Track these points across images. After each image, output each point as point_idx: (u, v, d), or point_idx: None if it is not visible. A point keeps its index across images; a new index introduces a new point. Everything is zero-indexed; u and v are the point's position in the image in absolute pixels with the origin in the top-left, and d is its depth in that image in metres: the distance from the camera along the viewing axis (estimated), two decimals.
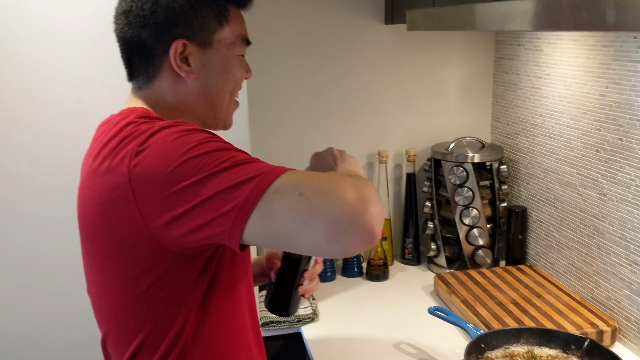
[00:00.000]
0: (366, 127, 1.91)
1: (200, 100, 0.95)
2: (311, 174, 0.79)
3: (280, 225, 0.76)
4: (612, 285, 1.44)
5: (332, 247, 0.75)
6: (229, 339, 0.96)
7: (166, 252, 0.85)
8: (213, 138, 0.84)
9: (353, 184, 0.79)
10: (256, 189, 0.76)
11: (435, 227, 1.86)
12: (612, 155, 1.40)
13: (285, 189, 0.76)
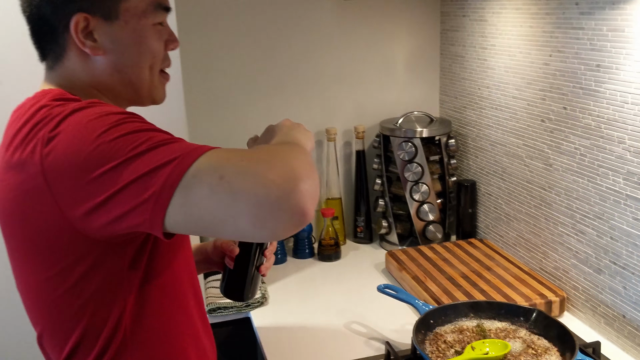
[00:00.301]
0: (312, 105, 1.86)
1: (115, 78, 0.88)
2: (234, 152, 0.73)
3: (202, 212, 0.70)
4: (559, 256, 1.43)
5: (259, 232, 0.70)
6: (174, 327, 0.92)
7: (91, 243, 0.80)
8: (130, 118, 0.78)
9: (281, 158, 0.73)
10: (173, 174, 0.71)
11: (386, 204, 1.83)
12: (557, 124, 1.39)
13: (204, 173, 0.70)
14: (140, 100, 0.93)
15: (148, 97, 0.92)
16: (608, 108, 1.23)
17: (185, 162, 0.71)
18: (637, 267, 1.20)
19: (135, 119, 0.78)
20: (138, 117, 0.80)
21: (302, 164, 0.73)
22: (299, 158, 0.75)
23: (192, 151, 0.72)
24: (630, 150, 1.18)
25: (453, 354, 1.18)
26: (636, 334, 1.22)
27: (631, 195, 1.19)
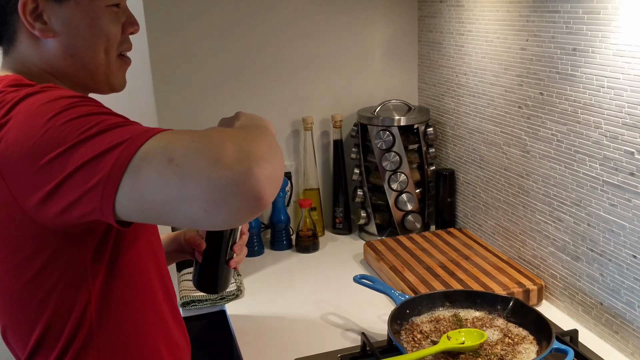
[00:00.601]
0: (288, 93, 1.82)
1: (68, 62, 0.84)
2: (185, 133, 0.69)
3: (152, 198, 0.67)
4: (537, 244, 1.42)
5: (212, 218, 0.66)
6: (141, 319, 0.89)
7: (49, 233, 0.76)
8: (82, 102, 0.74)
9: (236, 139, 0.68)
10: (121, 158, 0.67)
11: (365, 194, 1.80)
12: (534, 110, 1.37)
13: (153, 155, 0.66)
14: (98, 87, 0.89)
15: (105, 82, 0.88)
16: (584, 93, 1.21)
17: (134, 145, 0.67)
18: (613, 253, 1.19)
19: (88, 103, 0.75)
20: (92, 101, 0.76)
21: (260, 146, 0.69)
22: (258, 139, 0.71)
23: (141, 134, 0.69)
24: (607, 136, 1.16)
25: (429, 343, 1.16)
26: (613, 321, 1.21)
27: (607, 181, 1.18)
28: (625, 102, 1.11)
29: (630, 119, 1.10)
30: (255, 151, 0.67)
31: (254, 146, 0.68)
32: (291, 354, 1.25)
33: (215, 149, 0.66)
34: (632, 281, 1.15)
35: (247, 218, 0.68)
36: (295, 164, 1.86)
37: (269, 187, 0.67)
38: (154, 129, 0.70)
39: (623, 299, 1.18)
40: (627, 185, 1.13)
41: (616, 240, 1.18)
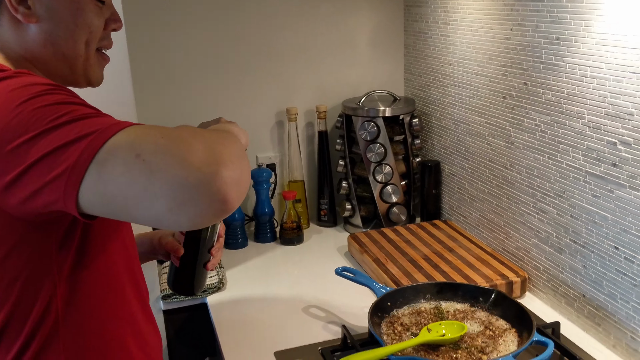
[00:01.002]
0: (271, 84, 1.80)
1: (48, 50, 0.83)
2: (155, 129, 0.67)
3: (116, 193, 0.65)
4: (521, 235, 1.41)
5: (176, 217, 0.64)
6: (109, 313, 0.87)
7: (14, 221, 0.74)
8: (56, 90, 0.72)
9: (206, 140, 0.67)
10: (88, 150, 0.65)
11: (350, 186, 1.79)
12: (518, 101, 1.35)
13: (120, 150, 0.64)
14: (75, 79, 0.87)
15: (83, 75, 0.87)
16: (568, 82, 1.19)
17: (102, 137, 0.65)
18: (596, 245, 1.17)
19: (61, 91, 0.73)
20: (65, 90, 0.74)
21: (229, 150, 0.68)
22: (227, 144, 0.69)
23: (111, 126, 0.67)
24: (590, 126, 1.15)
25: (409, 336, 1.15)
26: (596, 313, 1.20)
27: (590, 172, 1.16)
28: (608, 91, 1.10)
29: (613, 109, 1.09)
30: (224, 153, 0.66)
31: (223, 148, 0.67)
32: (271, 346, 1.23)
33: (184, 147, 0.64)
34: (614, 273, 1.14)
35: (212, 220, 0.66)
36: (279, 156, 1.85)
37: (235, 190, 0.65)
38: (124, 123, 0.68)
39: (605, 291, 1.17)
40: (609, 176, 1.12)
41: (599, 232, 1.16)
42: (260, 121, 1.81)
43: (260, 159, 1.80)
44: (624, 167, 1.08)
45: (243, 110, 1.79)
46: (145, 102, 1.66)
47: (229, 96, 1.76)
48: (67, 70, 0.85)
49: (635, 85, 1.03)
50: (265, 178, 1.73)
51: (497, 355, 1.07)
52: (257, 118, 1.80)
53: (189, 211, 0.64)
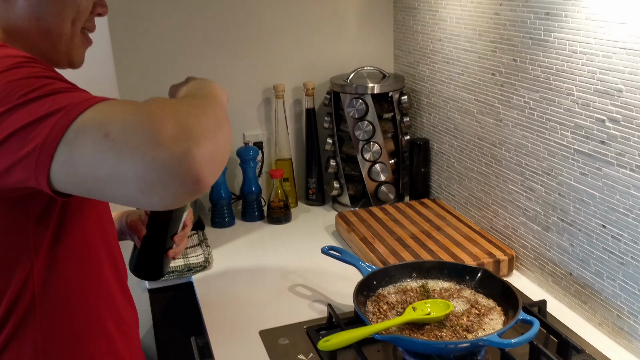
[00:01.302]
0: (259, 60, 1.76)
1: (32, 24, 0.80)
2: (125, 105, 0.65)
3: (86, 173, 0.63)
4: (509, 214, 1.40)
5: (147, 198, 0.62)
6: (87, 292, 0.86)
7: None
8: (30, 63, 0.70)
9: (178, 114, 0.64)
10: (57, 127, 0.63)
11: (338, 164, 1.77)
12: (507, 77, 1.33)
13: (89, 128, 0.62)
14: (57, 57, 0.85)
15: (65, 55, 0.85)
16: (557, 58, 1.17)
17: (71, 114, 0.63)
18: (583, 223, 1.16)
19: (35, 64, 0.70)
20: (40, 63, 0.72)
21: (203, 121, 0.65)
22: (202, 113, 0.67)
23: (81, 102, 0.64)
24: (578, 103, 1.13)
25: (394, 315, 1.14)
26: (582, 291, 1.20)
27: (578, 149, 1.15)
28: (597, 67, 1.08)
29: (602, 85, 1.07)
30: (196, 128, 0.63)
31: (195, 122, 0.64)
32: (257, 325, 1.23)
33: (153, 124, 0.62)
34: (601, 251, 1.13)
35: (185, 200, 0.64)
36: (267, 134, 1.82)
37: (208, 168, 0.63)
38: (94, 98, 0.66)
39: (592, 269, 1.16)
40: (597, 154, 1.10)
41: (586, 210, 1.15)
42: (247, 98, 1.78)
43: (247, 137, 1.78)
44: (612, 145, 1.07)
45: (229, 87, 1.75)
46: (127, 79, 1.63)
47: (215, 73, 1.73)
48: (49, 48, 0.83)
49: (624, 61, 1.01)
50: (252, 156, 1.71)
51: (482, 334, 1.06)
52: (243, 95, 1.77)
53: (160, 192, 0.61)
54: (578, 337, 1.13)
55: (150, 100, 0.68)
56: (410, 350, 1.08)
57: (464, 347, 1.03)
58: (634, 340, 1.08)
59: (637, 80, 0.99)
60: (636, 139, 1.01)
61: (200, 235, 1.62)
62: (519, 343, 0.99)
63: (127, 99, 0.68)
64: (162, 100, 0.69)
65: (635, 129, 1.01)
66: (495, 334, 1.01)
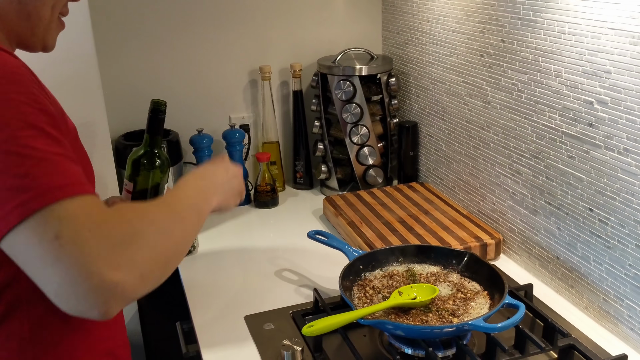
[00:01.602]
0: (245, 41, 1.73)
1: (13, 7, 0.79)
2: (90, 216, 0.64)
3: (15, 253, 0.65)
4: (497, 197, 1.38)
5: (58, 303, 0.64)
6: None
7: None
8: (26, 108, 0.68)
9: (135, 250, 0.65)
10: (19, 209, 0.63)
11: (326, 148, 1.75)
12: (496, 59, 1.31)
13: (46, 224, 0.63)
14: (33, 41, 0.84)
15: (41, 39, 0.84)
16: (545, 39, 1.15)
17: (38, 202, 0.63)
18: (570, 207, 1.15)
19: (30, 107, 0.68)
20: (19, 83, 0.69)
21: (151, 266, 0.67)
22: (159, 250, 0.69)
23: (56, 189, 0.64)
24: (567, 85, 1.11)
25: (381, 299, 1.13)
26: (569, 275, 1.19)
27: (566, 132, 1.13)
28: (585, 49, 1.06)
29: (590, 67, 1.05)
30: (133, 281, 0.65)
31: (144, 268, 0.66)
32: (242, 310, 1.21)
33: (102, 252, 0.63)
34: (587, 235, 1.12)
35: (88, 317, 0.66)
36: (253, 116, 1.80)
37: (117, 309, 0.65)
38: (72, 189, 0.65)
39: (579, 252, 1.15)
40: (585, 137, 1.09)
41: (573, 194, 1.14)
42: (233, 80, 1.75)
43: (233, 120, 1.75)
44: (600, 127, 1.05)
45: (214, 68, 1.73)
46: (108, 60, 1.60)
47: (199, 54, 1.70)
48: (27, 32, 0.82)
49: (613, 42, 1.00)
50: (238, 139, 1.69)
51: (467, 318, 1.06)
52: (229, 77, 1.74)
53: (68, 307, 0.64)
54: (564, 321, 1.13)
55: (119, 214, 0.68)
56: (396, 335, 1.07)
57: (449, 332, 1.02)
58: (619, 324, 1.08)
59: (626, 61, 0.98)
60: (624, 121, 1.00)
61: None
62: (504, 327, 0.99)
63: (97, 205, 0.67)
64: (128, 220, 0.68)
65: (624, 111, 1.00)
66: (480, 319, 1.00)
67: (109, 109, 1.43)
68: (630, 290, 1.04)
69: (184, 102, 1.72)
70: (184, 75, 1.70)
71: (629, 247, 1.03)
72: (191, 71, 1.71)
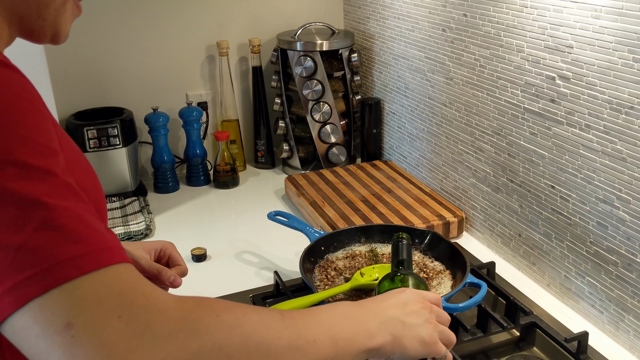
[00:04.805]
0: (200, 15, 1.66)
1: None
2: (128, 294, 0.47)
3: (18, 342, 0.48)
4: (459, 175, 1.37)
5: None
6: None
7: None
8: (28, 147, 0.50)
9: None
10: (24, 292, 0.46)
11: (287, 126, 1.70)
12: (458, 34, 1.28)
13: (55, 306, 0.46)
14: (40, 26, 0.65)
15: (52, 25, 0.66)
16: (507, 13, 1.12)
17: (47, 282, 0.46)
18: (532, 184, 1.14)
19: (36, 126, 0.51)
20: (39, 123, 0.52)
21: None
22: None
23: (67, 261, 0.47)
24: (529, 60, 1.09)
25: (342, 280, 1.10)
26: (531, 252, 1.18)
27: (529, 108, 1.12)
28: (547, 23, 1.03)
29: (553, 41, 1.03)
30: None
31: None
32: (201, 294, 1.17)
33: (130, 347, 0.45)
34: (549, 212, 1.12)
35: None
36: (211, 93, 1.73)
37: None
38: (84, 262, 0.47)
39: (541, 230, 1.15)
40: (547, 113, 1.08)
41: (535, 171, 1.13)
42: (189, 56, 1.68)
43: (190, 97, 1.69)
44: (562, 103, 1.04)
45: (169, 43, 1.65)
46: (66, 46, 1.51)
47: (153, 28, 1.62)
48: (33, 13, 0.64)
49: (576, 15, 0.97)
50: (195, 117, 1.63)
51: None
52: (185, 52, 1.67)
53: None
54: (526, 299, 1.12)
55: (177, 300, 0.50)
56: None
57: None
58: (581, 301, 1.08)
59: (588, 35, 0.96)
60: (586, 96, 0.99)
61: (142, 202, 1.54)
62: (466, 307, 0.98)
63: (136, 277, 0.49)
64: (189, 309, 0.50)
65: (585, 87, 0.98)
66: (442, 298, 0.98)
67: (58, 88, 1.35)
68: (591, 267, 1.04)
69: (137, 78, 1.65)
70: (138, 50, 1.63)
71: (590, 224, 1.03)
72: (145, 46, 1.63)
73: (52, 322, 0.46)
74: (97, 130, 1.50)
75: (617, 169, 0.95)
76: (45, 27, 0.65)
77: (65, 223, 0.48)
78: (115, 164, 1.54)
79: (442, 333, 0.71)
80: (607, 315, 1.03)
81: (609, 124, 0.95)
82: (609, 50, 0.93)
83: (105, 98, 1.63)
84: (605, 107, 0.95)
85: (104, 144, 1.51)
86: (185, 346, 0.47)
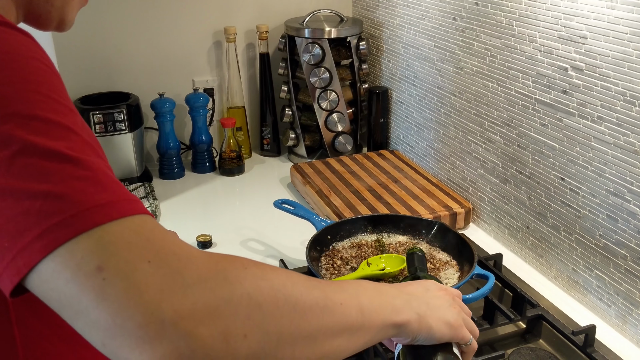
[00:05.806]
0: (208, 1, 1.64)
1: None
2: (156, 240, 0.47)
3: (51, 296, 0.47)
4: (467, 165, 1.36)
5: (106, 352, 0.47)
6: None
7: None
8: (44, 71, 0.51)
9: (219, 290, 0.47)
10: (49, 237, 0.46)
11: (293, 113, 1.69)
12: (469, 22, 1.26)
13: (85, 250, 0.46)
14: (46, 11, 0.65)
15: (59, 11, 0.66)
16: (520, 2, 1.11)
17: (76, 226, 0.46)
18: (542, 176, 1.13)
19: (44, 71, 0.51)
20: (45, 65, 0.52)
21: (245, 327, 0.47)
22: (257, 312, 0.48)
23: (95, 208, 0.47)
24: (541, 50, 1.08)
25: (349, 270, 1.10)
26: (538, 245, 1.18)
27: (540, 99, 1.10)
28: (561, 12, 1.02)
29: (566, 31, 1.02)
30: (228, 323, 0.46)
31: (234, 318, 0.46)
32: None
33: (165, 283, 0.45)
34: (558, 204, 1.11)
35: None
36: (218, 80, 1.72)
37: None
38: (114, 207, 0.47)
39: (549, 222, 1.14)
40: (559, 104, 1.06)
41: (545, 162, 1.12)
42: (196, 42, 1.67)
43: (196, 83, 1.68)
44: (574, 95, 1.02)
45: (176, 29, 1.64)
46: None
47: (161, 15, 1.61)
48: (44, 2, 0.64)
49: (590, 5, 0.96)
50: (202, 104, 1.62)
51: None
52: (192, 38, 1.66)
53: (117, 356, 0.46)
54: (533, 291, 1.11)
55: (204, 254, 0.49)
56: None
57: None
58: (588, 294, 1.07)
59: (602, 26, 0.95)
60: (599, 88, 0.97)
61: (147, 187, 1.54)
62: (473, 299, 0.97)
63: (161, 231, 0.48)
64: (216, 261, 0.49)
65: (599, 78, 0.97)
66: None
67: (64, 72, 1.34)
68: (599, 260, 1.03)
69: (144, 64, 1.64)
70: (145, 36, 1.62)
71: (599, 217, 1.02)
72: (152, 32, 1.62)
73: (82, 267, 0.45)
74: (103, 115, 1.49)
75: (629, 161, 0.94)
76: (52, 12, 0.65)
77: (90, 175, 0.48)
78: (120, 149, 1.53)
79: (465, 320, 0.71)
80: (614, 309, 1.02)
81: (622, 116, 0.94)
82: (624, 42, 0.91)
83: (112, 83, 1.62)
84: (618, 99, 0.94)
85: (110, 129, 1.50)
86: (215, 292, 0.47)
